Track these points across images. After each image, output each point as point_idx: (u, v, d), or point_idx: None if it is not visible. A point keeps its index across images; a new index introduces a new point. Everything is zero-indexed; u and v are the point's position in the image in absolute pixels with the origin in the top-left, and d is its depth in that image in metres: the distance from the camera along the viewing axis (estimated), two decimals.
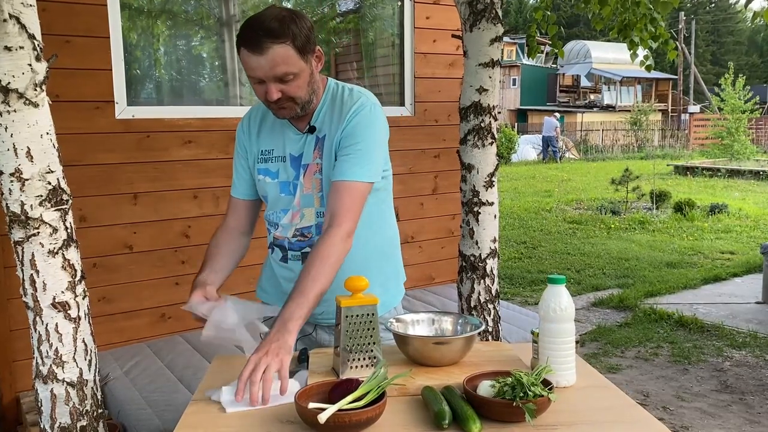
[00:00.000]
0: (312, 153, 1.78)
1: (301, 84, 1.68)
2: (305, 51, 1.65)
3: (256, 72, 1.64)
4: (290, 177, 1.81)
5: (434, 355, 1.65)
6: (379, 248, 1.89)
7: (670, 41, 3.49)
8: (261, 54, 1.61)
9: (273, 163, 1.83)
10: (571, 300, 1.57)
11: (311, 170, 1.78)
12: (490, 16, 2.62)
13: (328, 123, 1.77)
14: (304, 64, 1.66)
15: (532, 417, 1.32)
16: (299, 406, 1.34)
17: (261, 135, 1.87)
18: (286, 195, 1.82)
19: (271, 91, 1.65)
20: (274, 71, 1.63)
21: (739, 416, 3.57)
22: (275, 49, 1.60)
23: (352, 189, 1.70)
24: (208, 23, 4.19)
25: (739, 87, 19.74)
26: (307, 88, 1.71)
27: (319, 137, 1.78)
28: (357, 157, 1.71)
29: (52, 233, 1.74)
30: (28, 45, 1.67)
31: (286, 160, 1.81)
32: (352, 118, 1.73)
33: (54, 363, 1.77)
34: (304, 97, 1.71)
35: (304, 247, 1.82)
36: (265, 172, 1.84)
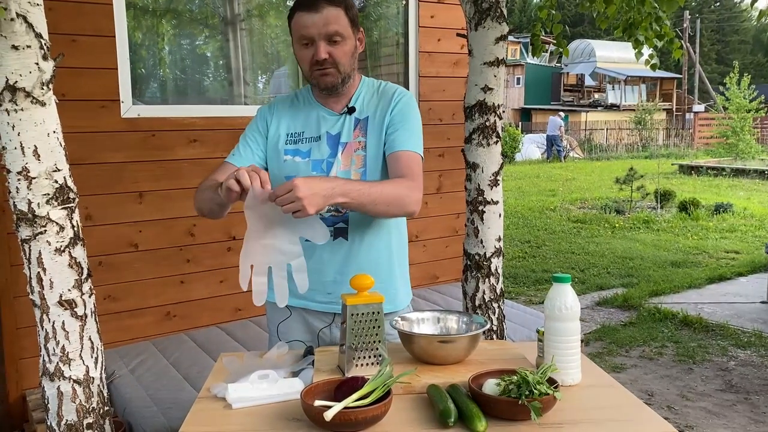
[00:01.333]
0: (353, 132, 1.85)
1: (347, 51, 1.78)
2: (354, 22, 1.78)
3: (309, 30, 1.73)
4: (324, 155, 1.85)
5: (439, 354, 1.65)
6: (402, 243, 1.97)
7: (675, 40, 3.48)
8: (316, 12, 1.72)
9: (304, 143, 1.87)
10: (576, 299, 1.57)
11: (351, 148, 1.84)
12: (495, 14, 2.62)
13: (370, 106, 1.87)
14: (351, 32, 1.78)
15: (537, 415, 1.32)
16: (305, 404, 1.34)
17: (289, 119, 1.91)
18: (318, 173, 1.83)
19: (320, 50, 1.74)
20: (327, 28, 1.72)
21: (743, 416, 3.57)
22: (330, 9, 1.73)
23: (415, 158, 1.81)
24: (213, 22, 4.20)
25: (744, 86, 19.67)
26: (350, 60, 1.80)
27: (360, 118, 1.86)
28: (410, 131, 1.83)
29: (59, 231, 1.75)
30: (35, 44, 1.68)
31: (321, 140, 1.86)
32: (399, 100, 1.85)
33: (61, 360, 1.78)
34: (346, 67, 1.80)
35: (338, 222, 1.83)
36: (294, 152, 1.87)
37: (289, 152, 1.87)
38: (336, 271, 1.85)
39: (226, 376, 1.62)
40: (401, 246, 1.97)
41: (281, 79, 4.70)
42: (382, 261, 1.88)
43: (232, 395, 1.48)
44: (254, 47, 4.36)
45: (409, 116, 1.85)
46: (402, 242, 1.97)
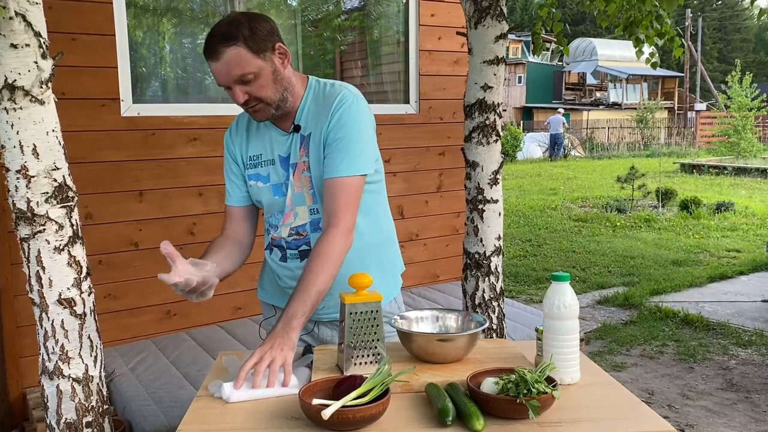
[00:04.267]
0: (298, 152, 1.78)
1: (264, 83, 1.68)
2: (260, 50, 1.65)
3: (218, 78, 1.67)
4: (281, 178, 1.81)
5: (438, 352, 1.65)
6: (375, 242, 1.89)
7: (676, 38, 3.47)
8: (217, 59, 1.64)
9: (263, 167, 1.83)
10: (575, 297, 1.57)
11: (300, 169, 1.78)
12: (495, 13, 2.61)
13: (313, 120, 1.77)
14: (261, 62, 1.66)
15: (536, 414, 1.32)
16: (303, 403, 1.34)
17: (248, 141, 1.86)
18: (279, 197, 1.82)
19: (236, 95, 1.67)
20: (231, 74, 1.65)
21: (744, 414, 3.56)
22: (228, 51, 1.63)
23: (344, 185, 1.71)
24: (214, 21, 4.20)
25: (746, 84, 19.65)
26: (274, 87, 1.70)
27: (304, 135, 1.78)
28: (344, 151, 1.71)
29: (58, 230, 1.75)
30: (34, 43, 1.68)
31: (275, 162, 1.81)
32: (336, 111, 1.73)
33: (60, 359, 1.79)
34: (272, 97, 1.71)
35: (300, 245, 1.82)
36: (256, 177, 1.85)
37: (252, 177, 1.85)
38: None
39: (225, 374, 1.62)
40: (377, 246, 1.89)
41: None
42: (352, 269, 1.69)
43: (227, 391, 1.48)
44: None
45: (346, 130, 1.71)
46: (378, 242, 1.89)
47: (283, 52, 1.71)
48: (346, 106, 1.74)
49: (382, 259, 1.92)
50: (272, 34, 1.69)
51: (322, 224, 1.75)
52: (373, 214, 1.87)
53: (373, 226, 1.87)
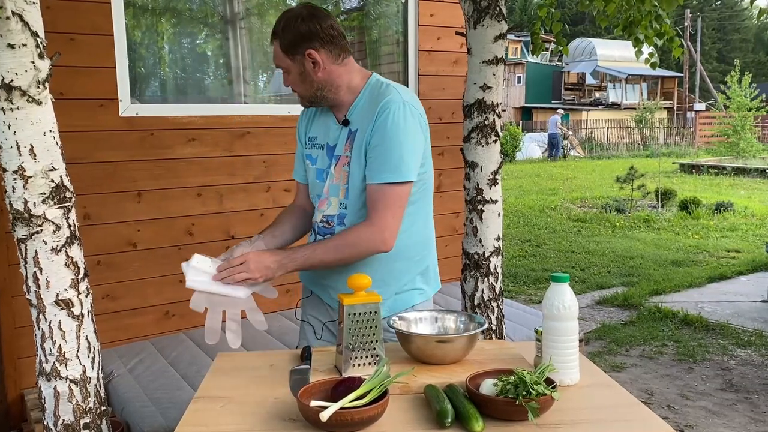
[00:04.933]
0: (344, 145, 1.85)
1: (293, 80, 1.84)
2: (290, 51, 1.80)
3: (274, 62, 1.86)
4: (325, 165, 1.90)
5: (437, 354, 1.64)
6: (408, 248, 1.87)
7: (675, 38, 3.47)
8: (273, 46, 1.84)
9: (315, 149, 1.94)
10: (574, 298, 1.56)
11: (342, 162, 1.85)
12: (494, 13, 2.61)
13: (362, 118, 1.82)
14: (290, 62, 1.81)
15: (535, 416, 1.31)
16: (301, 405, 1.34)
17: (311, 123, 1.99)
18: (320, 181, 1.91)
19: (284, 80, 1.86)
20: (275, 62, 1.85)
21: (744, 415, 3.56)
22: (275, 44, 1.83)
23: (383, 192, 1.76)
24: (213, 21, 4.19)
25: (745, 85, 19.65)
26: (302, 85, 1.84)
27: (352, 131, 1.84)
28: (386, 158, 1.75)
29: (55, 231, 1.74)
30: (30, 43, 1.67)
31: (324, 148, 1.91)
32: (379, 116, 1.76)
33: (57, 360, 1.78)
34: (301, 92, 1.86)
35: (327, 233, 1.89)
36: (309, 157, 1.96)
37: (307, 157, 1.97)
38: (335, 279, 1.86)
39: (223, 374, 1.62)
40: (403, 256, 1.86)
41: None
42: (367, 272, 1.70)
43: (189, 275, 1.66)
44: (254, 46, 4.35)
45: (386, 137, 1.74)
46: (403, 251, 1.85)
47: (312, 55, 1.79)
48: (389, 112, 1.75)
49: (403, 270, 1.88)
50: (307, 39, 1.78)
51: (347, 221, 1.84)
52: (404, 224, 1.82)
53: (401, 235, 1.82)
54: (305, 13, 1.80)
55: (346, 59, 1.85)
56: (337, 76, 1.83)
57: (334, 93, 1.84)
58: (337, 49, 1.82)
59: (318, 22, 1.79)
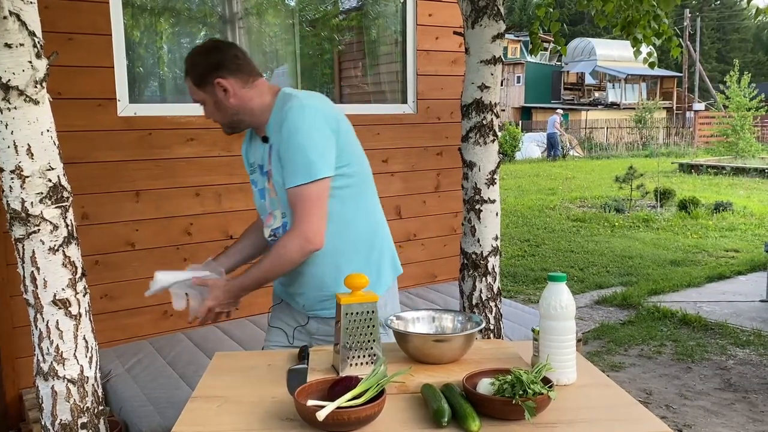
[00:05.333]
0: (268, 160, 1.95)
1: (210, 111, 1.96)
2: (201, 83, 1.91)
3: None
4: (263, 184, 2.01)
5: (434, 353, 1.65)
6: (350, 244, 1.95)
7: (674, 38, 3.48)
8: None
9: (255, 173, 2.04)
10: (571, 298, 1.56)
11: (270, 176, 1.95)
12: (492, 12, 2.61)
13: (275, 131, 1.91)
14: (203, 94, 1.92)
15: (531, 415, 1.31)
16: (298, 404, 1.34)
17: (250, 149, 2.08)
18: (263, 200, 2.03)
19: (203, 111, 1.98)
20: (192, 97, 1.96)
21: (742, 414, 3.56)
22: (187, 81, 1.95)
23: (297, 194, 1.83)
24: (212, 20, 4.19)
25: (744, 84, 19.65)
26: (220, 114, 1.95)
27: (271, 145, 1.92)
28: (292, 162, 1.83)
29: (53, 230, 1.75)
30: (28, 42, 1.67)
31: (259, 169, 2.02)
32: (284, 124, 1.84)
33: (55, 360, 1.78)
34: (221, 120, 1.97)
35: None
36: (252, 182, 2.07)
37: (251, 182, 2.08)
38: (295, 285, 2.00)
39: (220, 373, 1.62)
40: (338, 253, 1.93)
41: (281, 78, 4.70)
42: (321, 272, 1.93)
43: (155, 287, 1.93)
44: (252, 46, 4.35)
45: (292, 140, 1.82)
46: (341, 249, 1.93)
47: (225, 87, 1.90)
48: (291, 116, 1.83)
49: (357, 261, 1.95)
50: (214, 69, 1.89)
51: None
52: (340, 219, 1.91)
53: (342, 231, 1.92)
54: (209, 45, 1.96)
55: (256, 81, 1.94)
56: (249, 100, 1.92)
57: (249, 116, 1.94)
58: (245, 74, 1.92)
59: (222, 53, 1.92)
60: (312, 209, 1.83)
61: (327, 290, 1.91)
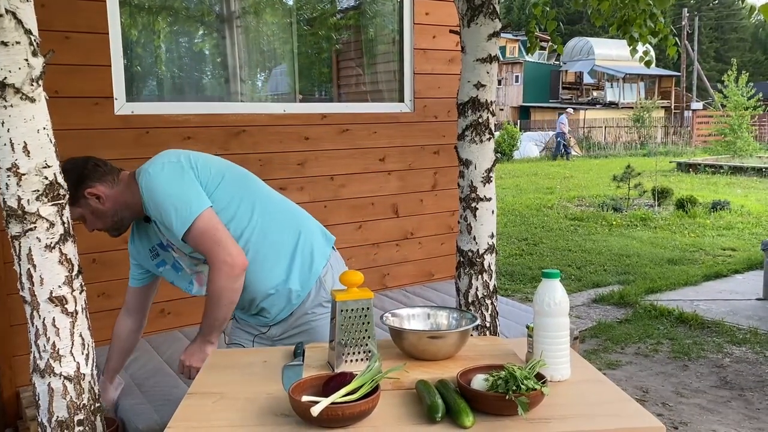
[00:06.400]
0: (160, 234, 2.06)
1: (92, 222, 2.07)
2: (74, 202, 1.95)
3: None
4: (170, 259, 2.13)
5: (429, 350, 1.65)
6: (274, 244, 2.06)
7: (670, 37, 3.49)
8: None
9: (158, 256, 2.15)
10: (565, 294, 1.57)
11: (169, 244, 2.07)
12: (488, 11, 2.61)
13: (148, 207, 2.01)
14: (80, 209, 2.01)
15: (524, 410, 1.32)
16: (293, 400, 1.34)
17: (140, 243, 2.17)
18: (180, 272, 2.15)
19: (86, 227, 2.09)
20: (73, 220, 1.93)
21: (738, 412, 3.57)
22: None
23: (192, 238, 1.92)
24: (209, 19, 4.19)
25: (742, 83, 19.68)
26: (102, 221, 2.06)
27: (154, 220, 2.03)
28: (168, 218, 1.93)
29: (49, 228, 1.75)
30: (24, 40, 1.67)
31: (160, 250, 2.13)
32: (145, 198, 1.97)
33: (51, 357, 1.78)
34: (105, 226, 2.08)
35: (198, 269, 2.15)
36: (160, 264, 2.16)
37: (159, 265, 2.17)
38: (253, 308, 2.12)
39: (217, 371, 1.62)
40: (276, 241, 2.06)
41: (279, 78, 4.71)
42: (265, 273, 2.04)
43: None
44: (250, 44, 4.36)
45: (157, 199, 1.93)
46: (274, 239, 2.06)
47: (96, 194, 2.01)
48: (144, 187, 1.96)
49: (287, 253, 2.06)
50: (80, 183, 1.98)
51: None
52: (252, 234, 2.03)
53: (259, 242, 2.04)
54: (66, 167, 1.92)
55: (119, 176, 2.05)
56: (120, 195, 2.02)
57: (128, 210, 2.03)
58: (108, 176, 2.03)
59: (80, 167, 2.00)
60: (212, 239, 1.91)
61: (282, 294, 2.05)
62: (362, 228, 4.23)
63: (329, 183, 4.07)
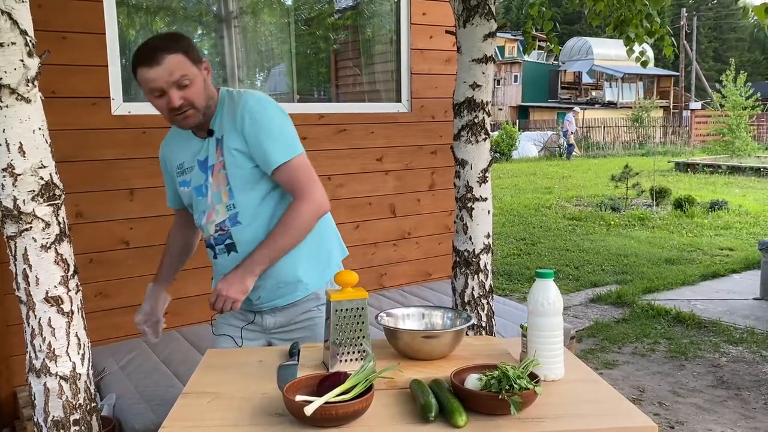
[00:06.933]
0: (215, 153, 1.94)
1: (197, 90, 1.86)
2: (195, 60, 1.86)
3: (157, 83, 1.82)
4: (201, 181, 1.99)
5: (424, 349, 1.66)
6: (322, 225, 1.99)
7: (666, 37, 3.49)
8: (159, 64, 1.80)
9: (187, 174, 2.04)
10: (559, 294, 1.58)
11: (217, 169, 1.94)
12: (483, 11, 2.62)
13: (224, 125, 1.93)
14: (196, 70, 1.86)
15: (517, 410, 1.32)
16: (287, 399, 1.35)
17: (174, 152, 2.09)
18: (201, 197, 2.00)
19: (173, 98, 1.83)
20: (172, 76, 1.81)
21: (734, 411, 3.58)
22: (170, 57, 1.81)
23: (291, 168, 1.87)
24: (207, 19, 4.20)
25: (740, 83, 19.71)
26: (203, 94, 1.89)
27: (218, 138, 1.93)
28: (272, 143, 1.86)
29: (45, 228, 1.75)
30: (20, 41, 1.68)
31: (194, 168, 2.00)
32: (246, 111, 1.87)
33: (47, 357, 1.78)
34: (201, 103, 1.89)
35: (225, 240, 1.97)
36: (183, 183, 2.05)
37: (182, 184, 2.06)
38: None
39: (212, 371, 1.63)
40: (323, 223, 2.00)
41: (278, 77, 4.71)
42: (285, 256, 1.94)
43: None
44: (248, 45, 4.36)
45: (264, 124, 1.87)
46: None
47: (208, 67, 1.92)
48: (254, 103, 1.88)
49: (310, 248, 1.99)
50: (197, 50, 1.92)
51: (241, 218, 1.93)
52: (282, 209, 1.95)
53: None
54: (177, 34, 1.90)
55: None
56: (212, 91, 1.94)
57: (212, 107, 1.93)
58: None
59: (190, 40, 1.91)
60: (310, 176, 1.89)
61: (284, 279, 1.96)
62: (360, 228, 4.24)
63: (327, 183, 4.05)
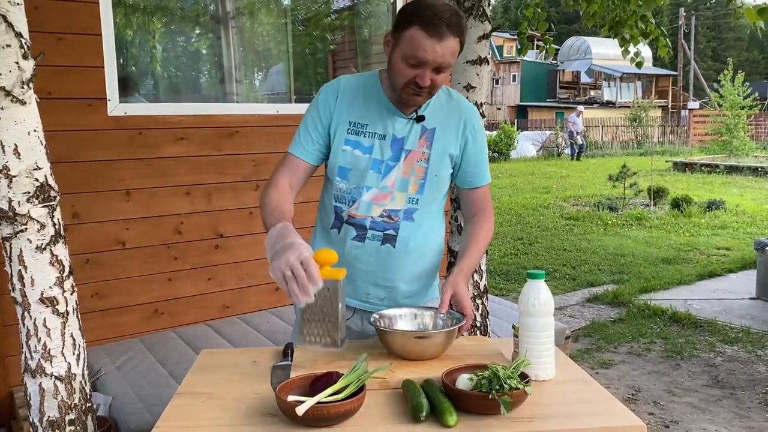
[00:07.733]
0: (418, 141, 1.81)
1: (445, 79, 1.76)
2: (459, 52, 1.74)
3: (426, 54, 1.65)
4: (385, 157, 1.80)
5: (416, 350, 1.67)
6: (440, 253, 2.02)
7: (661, 38, 3.51)
8: (440, 40, 1.64)
9: (366, 138, 1.81)
10: (550, 295, 1.59)
11: (414, 156, 1.81)
12: (477, 13, 2.63)
13: (439, 117, 1.84)
14: (455, 61, 1.76)
15: (507, 409, 1.33)
16: (279, 399, 1.36)
17: (352, 107, 1.82)
18: (375, 172, 1.80)
19: (426, 77, 1.68)
20: (443, 59, 1.67)
21: (729, 411, 3.60)
22: (452, 40, 1.66)
23: (483, 190, 1.94)
24: (204, 20, 4.21)
25: (738, 83, 19.74)
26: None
27: (428, 128, 1.82)
28: (484, 163, 1.92)
29: (40, 229, 1.77)
30: (15, 43, 1.69)
31: (385, 139, 1.80)
32: (474, 121, 1.87)
33: (42, 357, 1.80)
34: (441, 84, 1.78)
35: (388, 229, 1.82)
36: (355, 144, 1.81)
37: (349, 143, 1.81)
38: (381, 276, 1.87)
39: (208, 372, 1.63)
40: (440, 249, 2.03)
41: (275, 78, 4.72)
42: (428, 267, 1.94)
43: None
44: (245, 45, 4.37)
45: (484, 142, 1.91)
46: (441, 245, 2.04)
47: None
48: (476, 120, 1.88)
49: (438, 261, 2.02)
50: None
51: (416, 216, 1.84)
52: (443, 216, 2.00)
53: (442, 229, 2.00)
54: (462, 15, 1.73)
55: None
56: None
57: None
58: None
59: None
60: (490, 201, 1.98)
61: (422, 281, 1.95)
62: None
63: None
